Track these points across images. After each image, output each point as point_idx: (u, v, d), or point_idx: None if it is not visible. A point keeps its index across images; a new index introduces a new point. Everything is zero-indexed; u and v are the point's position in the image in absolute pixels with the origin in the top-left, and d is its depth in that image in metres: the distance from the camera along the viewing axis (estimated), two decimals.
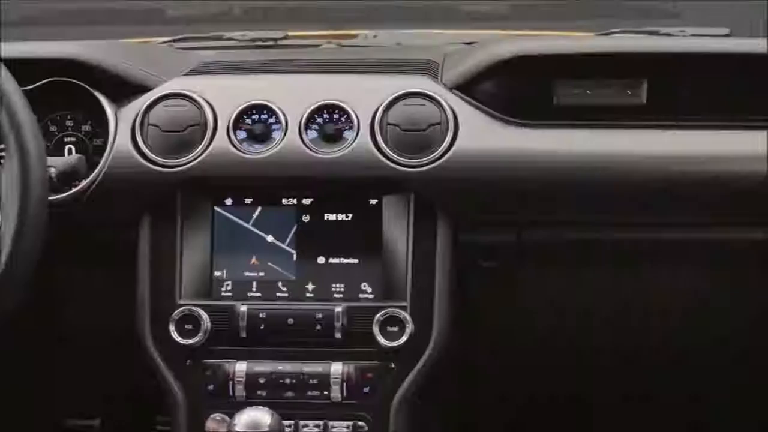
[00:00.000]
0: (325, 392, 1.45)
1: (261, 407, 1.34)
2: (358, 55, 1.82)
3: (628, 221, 1.50)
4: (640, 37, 1.83)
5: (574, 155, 1.47)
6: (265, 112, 1.51)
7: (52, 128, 1.65)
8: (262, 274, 1.51)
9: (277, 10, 2.12)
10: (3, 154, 1.46)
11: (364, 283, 1.49)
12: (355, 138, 1.48)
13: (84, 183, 1.49)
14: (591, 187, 1.47)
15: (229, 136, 1.49)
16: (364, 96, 1.51)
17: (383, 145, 1.47)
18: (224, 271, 1.51)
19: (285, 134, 1.49)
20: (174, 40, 1.99)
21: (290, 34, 2.01)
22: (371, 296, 1.49)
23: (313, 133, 1.50)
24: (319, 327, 1.46)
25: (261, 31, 1.99)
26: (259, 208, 1.51)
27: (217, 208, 1.51)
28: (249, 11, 2.08)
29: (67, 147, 1.66)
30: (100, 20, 1.99)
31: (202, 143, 1.49)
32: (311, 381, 1.45)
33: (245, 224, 1.51)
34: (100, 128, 1.59)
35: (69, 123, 1.65)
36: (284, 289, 1.50)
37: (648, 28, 1.87)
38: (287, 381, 1.45)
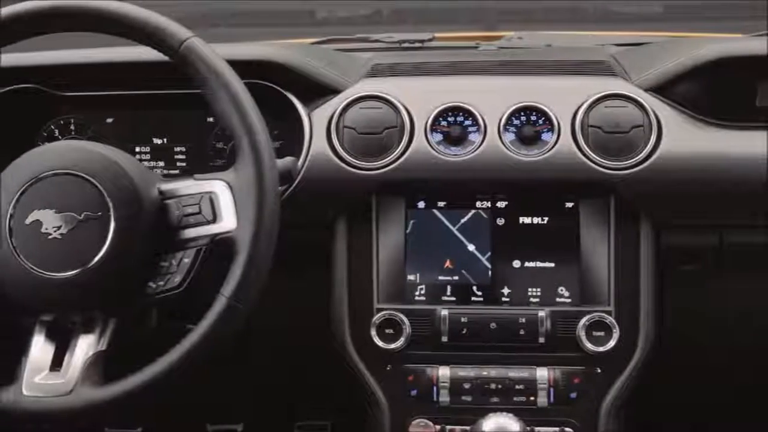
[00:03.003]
0: (532, 398, 1.43)
1: (504, 413, 1.32)
2: (522, 56, 1.80)
3: None
4: None
5: None
6: (461, 114, 1.49)
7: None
8: (456, 278, 1.49)
9: (425, 12, 2.11)
10: None
11: (561, 287, 1.48)
12: (557, 140, 1.46)
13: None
14: None
15: (427, 139, 1.48)
16: (561, 97, 1.49)
17: (585, 147, 1.45)
18: (417, 275, 1.50)
19: (484, 137, 1.47)
20: (321, 42, 1.98)
21: (437, 35, 1.99)
22: (568, 300, 1.47)
23: (510, 135, 1.48)
24: (522, 331, 1.44)
25: (407, 33, 1.98)
26: (453, 211, 1.50)
27: (410, 211, 1.50)
28: (397, 13, 2.06)
29: None
30: (247, 22, 1.98)
31: (400, 146, 1.47)
32: (517, 386, 1.43)
33: (439, 227, 1.50)
34: (277, 130, 1.58)
35: None
36: (479, 293, 1.49)
37: None
38: (492, 386, 1.44)
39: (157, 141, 1.65)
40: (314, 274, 1.51)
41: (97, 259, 1.21)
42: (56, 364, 1.22)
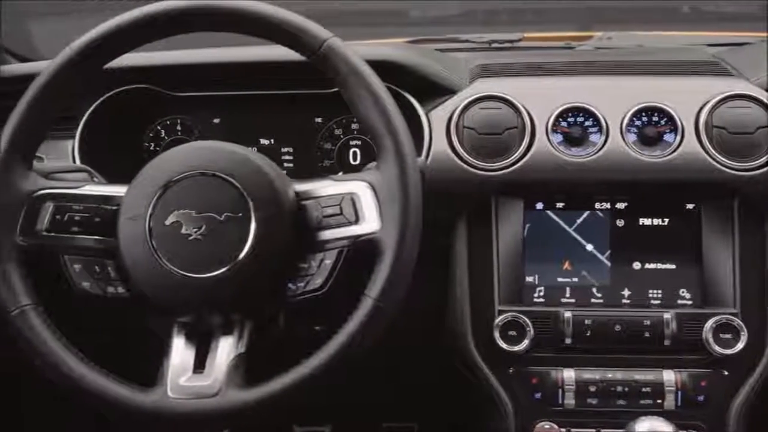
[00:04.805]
0: (659, 401, 1.42)
1: (655, 417, 1.31)
2: (624, 56, 1.79)
3: None
4: None
5: None
6: (581, 114, 1.48)
7: (337, 131, 1.64)
8: (575, 279, 1.48)
9: (516, 12, 2.09)
10: None
11: (682, 289, 1.46)
12: (681, 141, 1.45)
13: None
14: None
15: (548, 139, 1.47)
16: (683, 98, 1.48)
17: (710, 148, 1.44)
18: (536, 276, 1.49)
19: (607, 137, 1.46)
20: (411, 42, 1.97)
21: (526, 35, 1.98)
22: (689, 302, 1.46)
23: (632, 136, 1.47)
24: (647, 334, 1.43)
25: (496, 33, 1.96)
26: (572, 212, 1.49)
27: (528, 212, 1.49)
28: (489, 13, 2.05)
29: (351, 150, 1.64)
30: (338, 22, 1.97)
31: (521, 146, 1.46)
32: (644, 389, 1.42)
33: (557, 228, 1.49)
34: None
35: (355, 126, 1.63)
36: (599, 294, 1.48)
37: None
38: (618, 389, 1.42)
39: (264, 142, 1.64)
40: (431, 274, 1.50)
41: (238, 260, 1.20)
42: (199, 366, 1.21)
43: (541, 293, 1.48)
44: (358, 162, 1.64)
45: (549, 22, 2.07)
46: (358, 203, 1.23)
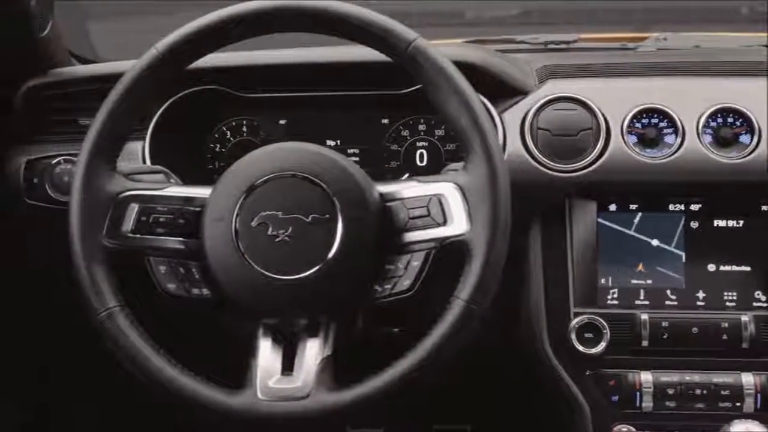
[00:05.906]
0: (738, 404, 1.40)
1: (749, 420, 1.30)
2: (686, 57, 1.78)
3: None
4: None
5: None
6: (655, 115, 1.48)
7: (404, 132, 1.63)
8: (649, 281, 1.47)
9: (569, 13, 2.09)
10: None
11: (758, 291, 1.45)
12: (758, 142, 1.44)
13: None
14: None
15: (624, 141, 1.46)
16: (757, 99, 1.47)
17: None
18: (609, 279, 1.48)
19: (683, 139, 1.45)
20: (466, 42, 1.96)
21: (582, 36, 1.97)
22: (765, 304, 1.45)
23: (708, 137, 1.46)
24: (725, 336, 1.42)
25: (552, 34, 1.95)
26: (645, 214, 1.48)
27: (602, 214, 1.48)
28: (543, 14, 2.05)
29: (418, 152, 1.64)
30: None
31: (597, 148, 1.45)
32: (723, 392, 1.41)
33: (631, 230, 1.48)
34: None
35: (422, 127, 1.63)
36: (673, 297, 1.47)
37: None
38: (697, 392, 1.41)
39: (330, 143, 1.64)
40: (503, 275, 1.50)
41: (326, 261, 1.20)
42: (287, 368, 1.21)
43: (615, 295, 1.47)
44: (424, 163, 1.63)
45: (602, 22, 2.06)
46: (446, 204, 1.23)
